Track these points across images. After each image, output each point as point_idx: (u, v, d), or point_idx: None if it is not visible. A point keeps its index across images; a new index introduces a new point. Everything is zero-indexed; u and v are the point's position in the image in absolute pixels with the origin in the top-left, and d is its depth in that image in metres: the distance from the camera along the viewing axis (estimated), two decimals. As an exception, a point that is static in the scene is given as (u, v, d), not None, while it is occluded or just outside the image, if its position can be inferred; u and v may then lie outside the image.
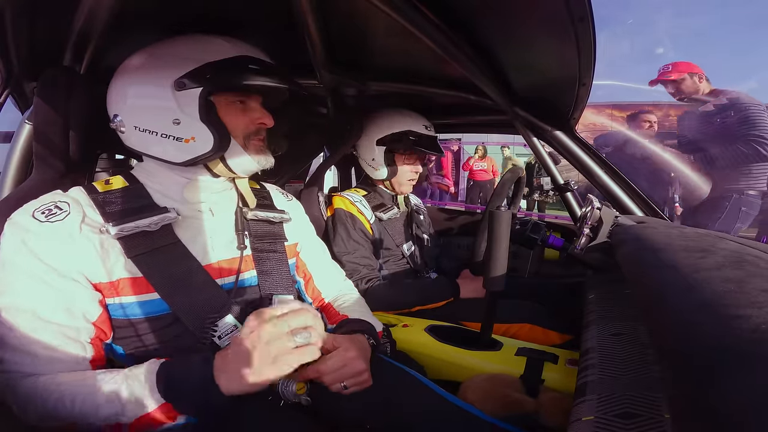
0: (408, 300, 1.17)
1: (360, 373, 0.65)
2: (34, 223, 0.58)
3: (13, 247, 0.57)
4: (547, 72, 0.93)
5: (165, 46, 0.69)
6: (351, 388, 0.64)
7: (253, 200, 0.77)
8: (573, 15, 0.63)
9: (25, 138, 0.89)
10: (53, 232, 0.58)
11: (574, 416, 0.49)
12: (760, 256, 0.43)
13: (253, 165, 0.72)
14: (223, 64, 0.66)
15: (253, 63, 0.70)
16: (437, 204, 6.32)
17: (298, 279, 0.92)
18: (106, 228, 0.61)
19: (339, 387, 0.63)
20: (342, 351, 0.65)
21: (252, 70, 0.68)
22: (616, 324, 0.72)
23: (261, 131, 0.74)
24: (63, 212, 0.60)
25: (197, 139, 0.66)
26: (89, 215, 0.62)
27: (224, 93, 0.69)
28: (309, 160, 1.73)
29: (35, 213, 0.59)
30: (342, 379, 0.63)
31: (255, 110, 0.73)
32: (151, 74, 0.67)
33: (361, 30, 0.86)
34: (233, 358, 0.55)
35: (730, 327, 0.26)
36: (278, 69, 0.72)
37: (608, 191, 1.19)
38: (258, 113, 0.73)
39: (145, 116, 0.67)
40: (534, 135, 1.24)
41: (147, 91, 0.66)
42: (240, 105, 0.71)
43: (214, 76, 0.65)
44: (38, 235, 0.57)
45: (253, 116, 0.72)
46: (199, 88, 0.65)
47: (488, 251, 0.84)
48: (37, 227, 0.58)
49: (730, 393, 0.21)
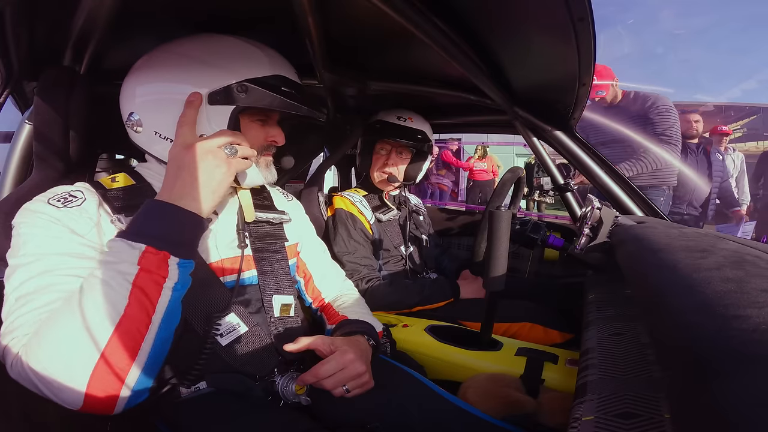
0: (408, 300, 1.17)
1: (360, 375, 0.65)
2: (52, 209, 0.57)
3: (32, 222, 0.56)
4: (547, 72, 0.93)
5: (196, 48, 0.67)
6: (353, 391, 0.64)
7: (252, 215, 0.77)
8: (573, 15, 0.63)
9: (25, 138, 0.89)
10: (73, 215, 0.58)
11: (574, 416, 0.49)
12: (760, 256, 0.43)
13: (259, 179, 0.73)
14: (260, 84, 0.65)
15: (288, 85, 0.69)
16: (437, 204, 6.32)
17: (298, 279, 0.92)
18: (119, 218, 0.61)
19: (341, 391, 0.63)
20: (339, 354, 0.65)
21: (288, 94, 0.68)
22: (616, 324, 0.72)
23: (271, 147, 0.75)
24: (79, 199, 0.60)
25: None
26: (103, 204, 0.62)
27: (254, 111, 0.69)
28: (309, 160, 1.73)
29: (50, 200, 0.59)
30: (342, 383, 0.63)
31: (272, 127, 0.73)
32: (181, 80, 0.65)
33: (361, 30, 0.86)
34: (177, 178, 0.56)
35: (730, 327, 0.26)
36: (309, 95, 0.73)
37: (608, 191, 1.19)
38: (274, 131, 0.73)
39: (170, 123, 0.64)
40: (534, 135, 1.24)
41: (176, 97, 0.64)
42: (260, 121, 0.71)
43: (251, 96, 0.64)
44: (59, 218, 0.57)
45: (269, 133, 0.73)
46: (233, 106, 0.64)
47: (488, 251, 0.84)
48: (57, 212, 0.57)
49: (730, 393, 0.21)
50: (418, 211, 1.52)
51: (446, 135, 6.10)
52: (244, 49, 0.68)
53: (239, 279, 0.70)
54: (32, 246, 0.55)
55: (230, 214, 0.75)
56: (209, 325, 0.64)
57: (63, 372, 0.47)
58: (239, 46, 0.68)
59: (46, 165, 0.75)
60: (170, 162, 0.58)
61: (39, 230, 0.56)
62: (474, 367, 0.89)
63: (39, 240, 0.55)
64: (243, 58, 0.67)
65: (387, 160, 1.32)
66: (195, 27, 0.71)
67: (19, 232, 0.56)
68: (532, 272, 1.67)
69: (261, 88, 0.65)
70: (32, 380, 0.47)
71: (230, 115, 0.64)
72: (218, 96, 0.64)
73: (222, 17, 0.78)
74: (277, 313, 0.75)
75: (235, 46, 0.68)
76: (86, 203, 0.60)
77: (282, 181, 1.57)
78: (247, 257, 0.74)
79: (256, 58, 0.67)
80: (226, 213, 0.74)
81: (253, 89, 0.64)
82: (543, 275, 1.65)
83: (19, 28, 0.72)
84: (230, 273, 0.71)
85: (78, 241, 0.57)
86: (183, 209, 0.55)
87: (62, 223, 0.56)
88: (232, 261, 0.72)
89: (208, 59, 0.66)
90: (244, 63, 0.66)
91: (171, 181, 0.57)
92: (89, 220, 0.58)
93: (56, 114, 0.72)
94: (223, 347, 0.65)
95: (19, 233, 0.56)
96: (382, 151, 1.34)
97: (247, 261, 0.74)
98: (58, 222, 0.56)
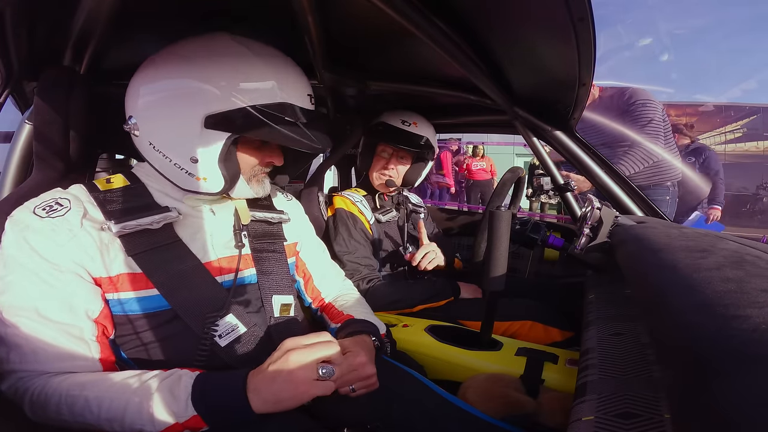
0: (410, 299, 1.17)
1: (369, 377, 0.65)
2: (35, 219, 0.58)
3: (15, 244, 0.57)
4: (547, 72, 0.93)
5: (200, 58, 0.62)
6: (359, 390, 0.64)
7: (247, 218, 0.76)
8: (573, 15, 0.63)
9: (25, 138, 0.89)
10: (54, 227, 0.58)
11: (574, 416, 0.49)
12: (760, 256, 0.43)
13: (251, 194, 0.73)
14: (261, 113, 0.61)
15: (294, 114, 0.64)
16: (437, 204, 6.32)
17: (297, 278, 0.92)
18: (108, 225, 0.61)
19: (347, 390, 0.63)
20: (351, 356, 0.65)
21: (290, 125, 0.64)
22: (616, 324, 0.72)
23: (269, 166, 0.74)
24: (63, 208, 0.60)
25: (208, 179, 0.66)
26: (90, 212, 0.62)
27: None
28: (309, 161, 1.73)
29: (36, 209, 0.59)
30: (351, 384, 0.63)
31: (271, 150, 0.72)
32: (179, 92, 0.61)
33: (361, 30, 0.86)
34: (262, 378, 0.56)
35: (730, 327, 0.26)
36: (316, 119, 0.69)
37: (608, 191, 1.19)
38: (273, 153, 0.72)
39: (164, 138, 0.64)
40: (534, 135, 1.24)
41: (171, 112, 0.62)
42: (258, 144, 0.70)
43: (249, 125, 0.61)
44: (39, 231, 0.57)
45: (267, 154, 0.71)
46: (228, 133, 0.62)
47: (488, 251, 0.84)
48: (38, 223, 0.58)
49: (730, 393, 0.21)
50: (417, 211, 1.52)
51: (446, 135, 6.10)
52: (251, 68, 0.63)
53: (236, 278, 0.70)
54: (7, 271, 0.57)
55: (227, 215, 0.75)
56: (206, 325, 0.64)
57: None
58: (246, 61, 0.63)
59: (46, 165, 0.75)
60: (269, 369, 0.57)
61: (20, 256, 0.57)
62: (474, 367, 0.89)
63: (13, 270, 0.57)
64: (248, 80, 0.62)
65: (387, 164, 1.31)
66: (195, 26, 0.71)
67: (2, 245, 0.58)
68: (532, 272, 1.67)
69: (262, 117, 0.61)
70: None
71: (224, 143, 0.63)
72: (214, 120, 0.61)
73: (222, 16, 0.77)
74: (277, 314, 0.75)
75: (243, 61, 0.63)
76: (70, 213, 0.60)
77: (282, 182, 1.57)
78: (246, 256, 0.74)
79: (263, 82, 0.63)
80: (222, 213, 0.74)
81: (252, 118, 0.61)
82: (543, 275, 1.65)
83: (19, 28, 0.72)
84: (227, 272, 0.71)
85: (46, 271, 0.57)
86: (254, 413, 0.54)
87: (39, 247, 0.57)
88: (229, 260, 0.71)
89: (211, 77, 0.61)
90: (249, 86, 0.62)
91: (263, 380, 0.56)
92: (68, 232, 0.58)
93: (56, 114, 0.72)
94: (222, 348, 0.65)
95: (3, 245, 0.58)
96: (383, 154, 1.32)
97: (245, 260, 0.74)
98: (34, 249, 0.57)
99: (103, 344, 0.61)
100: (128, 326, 0.63)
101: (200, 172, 0.65)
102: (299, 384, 0.55)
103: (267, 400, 0.54)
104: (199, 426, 0.53)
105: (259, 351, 0.68)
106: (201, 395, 0.54)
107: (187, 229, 0.69)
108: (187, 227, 0.69)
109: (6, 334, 0.55)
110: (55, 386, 0.54)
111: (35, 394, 0.54)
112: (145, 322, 0.63)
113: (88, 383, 0.55)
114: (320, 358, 0.58)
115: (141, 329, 0.63)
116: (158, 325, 0.64)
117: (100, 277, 0.60)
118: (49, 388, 0.54)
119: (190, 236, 0.68)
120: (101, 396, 0.53)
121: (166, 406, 0.52)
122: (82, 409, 0.53)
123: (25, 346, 0.55)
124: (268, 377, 0.56)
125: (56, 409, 0.53)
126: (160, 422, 0.52)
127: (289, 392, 0.55)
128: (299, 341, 0.59)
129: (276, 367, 0.56)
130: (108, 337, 0.62)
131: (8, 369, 0.55)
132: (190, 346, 0.63)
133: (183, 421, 0.52)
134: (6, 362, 0.55)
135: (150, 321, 0.63)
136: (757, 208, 6.89)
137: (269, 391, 0.54)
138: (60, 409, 0.53)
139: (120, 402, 0.53)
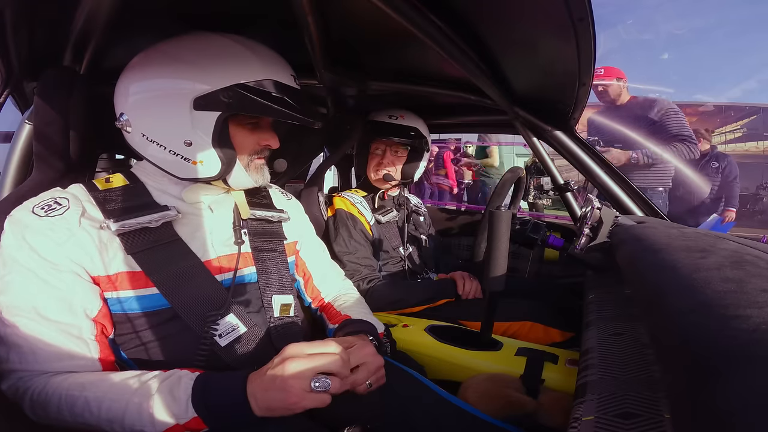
0: (411, 299, 1.17)
1: (380, 368, 0.65)
2: (34, 218, 0.58)
3: (14, 243, 0.57)
4: (547, 72, 0.93)
5: (185, 49, 0.65)
6: (374, 385, 0.63)
7: (246, 212, 0.77)
8: (573, 15, 0.63)
9: (25, 138, 0.89)
10: (52, 226, 0.58)
11: (574, 416, 0.49)
12: (760, 256, 0.43)
13: (250, 182, 0.73)
14: (248, 89, 0.63)
15: (280, 90, 0.66)
16: (437, 204, 6.31)
17: (297, 278, 0.92)
18: (107, 224, 0.61)
19: (365, 387, 0.62)
20: (357, 349, 0.64)
21: (279, 100, 0.65)
22: (616, 324, 0.72)
23: (264, 151, 0.74)
24: (62, 207, 0.60)
25: (204, 163, 0.66)
26: (89, 210, 0.62)
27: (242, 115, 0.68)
28: (309, 160, 1.73)
29: (35, 209, 0.60)
30: (367, 377, 0.62)
31: (264, 131, 0.73)
32: (167, 81, 0.64)
33: (361, 30, 0.86)
34: (259, 383, 0.55)
35: (730, 327, 0.26)
36: (303, 99, 0.70)
37: (608, 191, 1.19)
38: (267, 134, 0.72)
39: (156, 127, 0.65)
40: (534, 135, 1.24)
41: (161, 101, 0.64)
42: (251, 125, 0.71)
43: (237, 102, 0.63)
44: (38, 230, 0.57)
45: (261, 136, 0.72)
46: (218, 112, 0.63)
47: (488, 251, 0.84)
48: (36, 222, 0.58)
49: (730, 393, 0.21)
50: (417, 212, 1.52)
51: (446, 135, 6.09)
52: (234, 52, 0.65)
53: (236, 276, 0.70)
54: (6, 271, 0.57)
55: (226, 212, 0.75)
56: (206, 324, 0.64)
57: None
58: (230, 47, 0.66)
59: (46, 165, 0.75)
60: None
61: (19, 255, 0.57)
62: (474, 367, 0.89)
63: (12, 270, 0.57)
64: (232, 62, 0.64)
65: (382, 160, 1.32)
66: (195, 26, 0.71)
67: (1, 245, 0.58)
68: (532, 272, 1.67)
69: (248, 93, 0.63)
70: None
71: (216, 122, 0.64)
72: (203, 102, 0.62)
73: (222, 17, 0.78)
74: (277, 313, 0.75)
75: (226, 47, 0.66)
76: (68, 212, 0.60)
77: (282, 181, 1.57)
78: (246, 255, 0.74)
79: (246, 62, 0.65)
80: (221, 210, 0.74)
81: (239, 95, 0.63)
82: (543, 275, 1.65)
83: (19, 28, 0.72)
84: (227, 271, 0.71)
85: (45, 270, 0.57)
86: (255, 415, 0.54)
87: (37, 246, 0.57)
88: (228, 259, 0.71)
89: (195, 61, 0.64)
90: (233, 67, 0.64)
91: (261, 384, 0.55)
92: (67, 231, 0.59)
93: (56, 114, 0.72)
94: (222, 348, 0.65)
95: (2, 244, 0.58)
96: (377, 151, 1.34)
97: (245, 259, 0.74)
98: (32, 248, 0.57)
99: (102, 343, 0.61)
100: (128, 325, 0.63)
101: (196, 156, 0.65)
102: (291, 395, 0.53)
103: (261, 407, 0.54)
104: (199, 427, 0.53)
105: (259, 351, 0.67)
106: (201, 397, 0.54)
107: (186, 227, 0.69)
108: (187, 225, 0.69)
109: (5, 333, 0.55)
110: (56, 386, 0.54)
111: (36, 393, 0.54)
112: (145, 321, 0.63)
113: (88, 383, 0.55)
114: (317, 369, 0.55)
115: (140, 328, 0.63)
116: (158, 324, 0.64)
117: (98, 276, 0.60)
118: (49, 388, 0.54)
119: (190, 234, 0.68)
120: (101, 397, 0.53)
121: (166, 408, 0.52)
122: (82, 410, 0.53)
123: (24, 345, 0.55)
124: (263, 384, 0.55)
125: (57, 409, 0.53)
126: (160, 423, 0.52)
127: (280, 402, 0.53)
128: (301, 349, 0.57)
129: (273, 373, 0.55)
130: (107, 336, 0.62)
131: (8, 369, 0.55)
132: (189, 346, 0.63)
133: (183, 422, 0.52)
134: (6, 362, 0.55)
135: (149, 320, 0.63)
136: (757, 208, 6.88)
137: (263, 398, 0.54)
138: (60, 409, 0.53)
139: (120, 403, 0.53)
